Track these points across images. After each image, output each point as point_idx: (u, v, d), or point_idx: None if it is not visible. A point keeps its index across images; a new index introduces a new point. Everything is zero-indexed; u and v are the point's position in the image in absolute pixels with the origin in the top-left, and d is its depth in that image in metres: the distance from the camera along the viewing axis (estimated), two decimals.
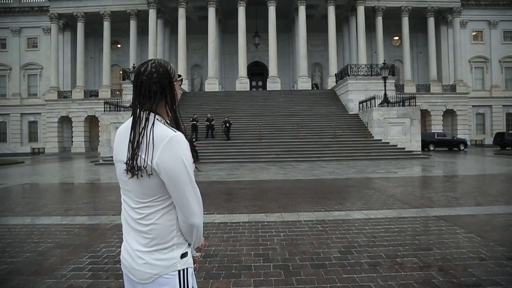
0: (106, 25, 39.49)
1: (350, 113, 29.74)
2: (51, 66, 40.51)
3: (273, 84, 36.49)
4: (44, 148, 41.02)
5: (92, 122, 40.44)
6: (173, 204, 1.68)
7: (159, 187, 1.65)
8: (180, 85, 1.94)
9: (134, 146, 1.65)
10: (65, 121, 40.90)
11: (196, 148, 20.16)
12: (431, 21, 40.63)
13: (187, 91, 36.19)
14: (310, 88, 37.38)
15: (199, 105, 30.88)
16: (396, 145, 24.35)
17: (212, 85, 36.31)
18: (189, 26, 38.82)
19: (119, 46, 43.89)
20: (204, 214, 7.24)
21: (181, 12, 37.15)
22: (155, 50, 37.74)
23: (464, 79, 42.48)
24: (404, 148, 24.22)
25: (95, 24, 40.73)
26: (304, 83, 36.73)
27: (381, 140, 24.83)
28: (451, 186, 12.03)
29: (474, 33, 45.73)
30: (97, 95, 39.46)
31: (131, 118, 1.74)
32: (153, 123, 1.66)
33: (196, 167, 1.80)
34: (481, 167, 18.24)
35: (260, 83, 44.09)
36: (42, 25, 43.11)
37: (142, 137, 1.64)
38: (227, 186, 11.95)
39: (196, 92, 38.75)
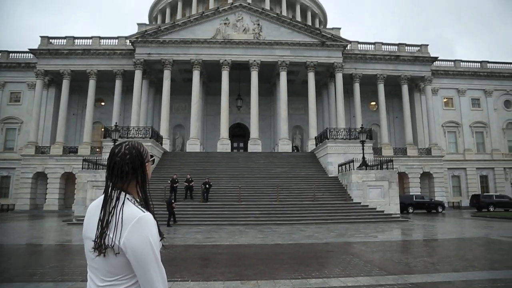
0: (92, 83, 40.20)
1: (329, 175, 30.09)
2: (31, 121, 40.26)
3: (254, 146, 37.03)
4: (14, 204, 39.46)
5: (68, 179, 39.55)
6: (138, 283, 1.69)
7: (125, 266, 1.67)
8: (152, 164, 2.03)
9: (103, 224, 1.69)
10: (40, 177, 39.87)
11: (174, 209, 19.84)
12: (405, 88, 42.96)
13: (168, 151, 36.26)
14: (291, 151, 38.00)
15: (180, 166, 30.82)
16: (375, 208, 24.48)
17: (193, 145, 36.57)
18: (174, 87, 39.87)
19: (102, 103, 44.36)
20: (178, 281, 7.01)
21: (166, 74, 38.34)
22: (138, 109, 38.29)
23: (439, 143, 44.08)
24: (383, 211, 24.35)
25: (80, 81, 41.34)
26: (284, 146, 37.41)
27: (360, 203, 24.97)
28: (429, 250, 12.03)
29: (445, 100, 48.39)
30: (76, 152, 39.03)
31: (103, 196, 1.81)
32: (123, 203, 1.73)
33: (163, 245, 1.84)
34: (458, 230, 18.41)
35: (241, 145, 44.63)
36: (27, 80, 43.47)
37: (111, 216, 1.70)
38: (204, 251, 11.64)
39: (177, 152, 38.86)
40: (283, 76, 38.86)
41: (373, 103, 46.15)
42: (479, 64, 50.07)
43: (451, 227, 20.57)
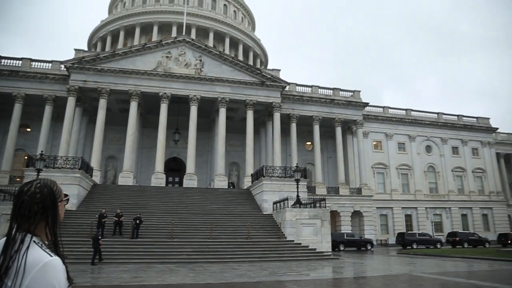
0: (18, 107, 37.33)
1: (264, 213, 30.23)
2: None
3: (190, 181, 36.40)
4: None
5: None
6: None
7: None
8: (66, 204, 1.91)
9: (1, 271, 1.53)
10: None
11: (100, 246, 18.57)
12: (338, 130, 45.29)
13: (98, 183, 34.38)
14: (227, 187, 37.82)
15: (110, 199, 29.27)
16: (307, 246, 24.82)
17: (126, 178, 35.08)
18: (109, 117, 38.41)
19: (28, 130, 41.27)
20: None
21: (102, 103, 36.95)
22: (68, 138, 36.14)
23: (368, 183, 46.47)
24: (315, 249, 24.74)
25: (5, 104, 38.17)
26: (220, 182, 37.20)
27: (293, 240, 25.22)
28: None
29: (374, 143, 51.69)
30: None
31: (4, 239, 1.65)
32: (28, 246, 1.59)
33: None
34: (385, 268, 19.18)
35: (177, 179, 43.62)
36: None
37: (12, 262, 1.54)
38: None
39: (109, 185, 37.01)
40: (222, 113, 39.23)
41: (309, 143, 47.90)
42: (404, 111, 54.55)
43: (379, 264, 21.39)
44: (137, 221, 22.99)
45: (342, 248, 34.29)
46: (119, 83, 37.38)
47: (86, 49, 58.56)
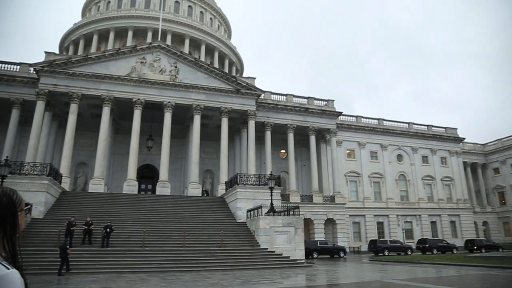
0: None
1: (238, 221, 30.07)
2: None
3: (163, 188, 35.85)
4: None
5: None
6: None
7: None
8: (27, 213, 1.81)
9: None
10: None
11: (68, 256, 17.92)
12: (312, 139, 45.78)
13: (67, 190, 33.32)
14: (200, 195, 37.43)
15: (80, 207, 28.40)
16: (281, 254, 24.83)
17: (97, 185, 34.17)
18: (80, 122, 37.46)
19: None
20: None
21: (73, 108, 35.96)
22: (37, 143, 34.89)
23: (342, 191, 47.09)
24: (289, 257, 24.76)
25: None
26: (194, 189, 36.83)
27: (267, 248, 25.17)
28: None
29: (348, 151, 52.55)
30: None
31: None
32: None
33: None
34: (358, 275, 19.40)
35: (149, 187, 42.85)
36: None
37: None
38: None
39: (78, 192, 35.98)
40: (197, 120, 38.98)
41: (283, 151, 48.17)
42: (377, 121, 55.80)
43: (351, 271, 21.63)
44: (108, 230, 22.39)
45: (315, 256, 34.51)
46: (91, 88, 36.53)
47: (57, 52, 57.19)
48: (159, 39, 42.53)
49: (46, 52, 37.48)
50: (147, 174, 43.66)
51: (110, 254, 21.55)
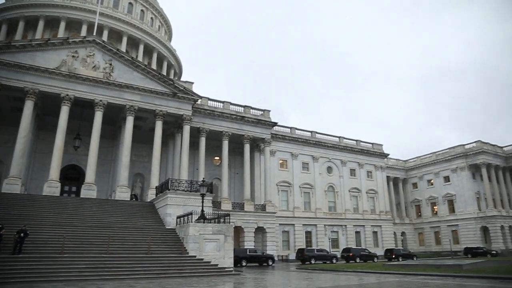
0: None
1: (167, 227, 29.26)
2: None
3: (89, 191, 33.90)
4: None
5: None
6: None
7: None
8: None
9: None
10: None
11: None
12: (247, 147, 46.22)
13: None
14: (129, 199, 35.97)
15: None
16: (210, 262, 24.54)
17: (12, 185, 31.34)
18: None
19: None
20: None
21: None
22: None
23: (273, 200, 47.94)
24: (217, 265, 24.55)
25: None
26: (122, 193, 35.29)
27: (195, 256, 24.75)
28: None
29: (280, 161, 53.79)
30: None
31: None
32: None
33: None
34: (284, 283, 19.74)
35: (74, 189, 40.20)
36: None
37: None
38: None
39: None
40: (129, 121, 37.59)
41: (217, 158, 48.02)
42: (310, 133, 57.87)
43: (278, 279, 21.98)
44: (21, 234, 20.55)
45: (244, 264, 34.63)
46: (13, 79, 33.57)
47: None
48: (94, 34, 40.43)
49: None
50: (72, 175, 41.06)
51: (22, 261, 19.75)
